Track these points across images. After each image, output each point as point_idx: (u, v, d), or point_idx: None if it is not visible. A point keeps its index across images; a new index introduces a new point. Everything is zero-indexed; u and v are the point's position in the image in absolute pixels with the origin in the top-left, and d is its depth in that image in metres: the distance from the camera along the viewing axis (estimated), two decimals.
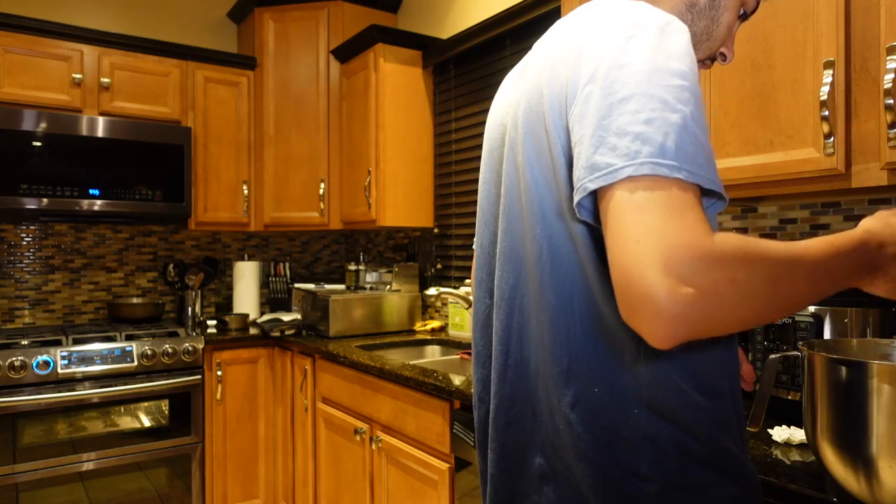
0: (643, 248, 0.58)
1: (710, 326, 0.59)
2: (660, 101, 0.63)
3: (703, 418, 0.72)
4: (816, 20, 1.24)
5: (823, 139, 1.21)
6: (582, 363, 0.74)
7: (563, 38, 0.78)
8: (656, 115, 0.62)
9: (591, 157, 0.64)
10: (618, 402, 0.72)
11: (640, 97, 0.64)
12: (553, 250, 0.76)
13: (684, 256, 0.57)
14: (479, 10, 2.75)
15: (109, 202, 2.74)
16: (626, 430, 0.72)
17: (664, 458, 0.71)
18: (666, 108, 0.63)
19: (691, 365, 0.73)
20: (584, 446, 0.73)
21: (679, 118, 0.62)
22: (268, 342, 2.93)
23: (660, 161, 0.60)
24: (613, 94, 0.65)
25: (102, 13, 3.16)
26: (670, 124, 0.62)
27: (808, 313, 1.25)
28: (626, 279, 0.59)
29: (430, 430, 1.88)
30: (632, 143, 0.62)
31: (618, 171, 0.61)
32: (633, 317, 0.60)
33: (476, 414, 0.95)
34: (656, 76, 0.64)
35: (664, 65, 0.65)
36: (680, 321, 0.57)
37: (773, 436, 1.18)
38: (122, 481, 2.53)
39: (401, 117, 2.89)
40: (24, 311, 2.96)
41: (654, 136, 0.61)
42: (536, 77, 0.80)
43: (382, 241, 3.45)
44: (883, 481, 0.81)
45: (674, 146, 0.61)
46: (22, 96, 2.63)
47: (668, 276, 0.57)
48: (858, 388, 0.82)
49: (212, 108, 3.08)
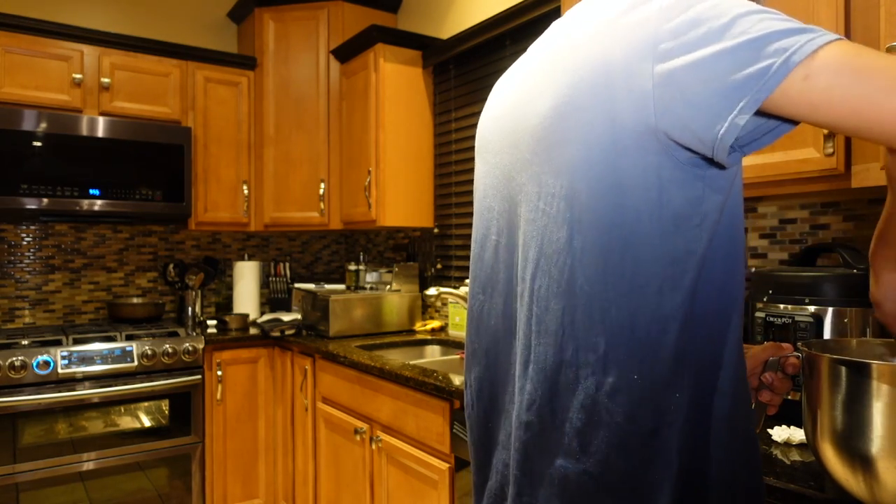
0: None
1: None
2: (756, 11, 0.64)
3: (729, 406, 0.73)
4: (816, 20, 1.24)
5: (823, 139, 1.21)
6: (620, 350, 0.72)
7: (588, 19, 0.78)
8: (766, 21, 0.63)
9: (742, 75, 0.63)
10: (659, 389, 0.71)
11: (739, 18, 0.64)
12: (584, 235, 0.74)
13: None
14: (479, 10, 2.75)
15: (109, 202, 2.74)
16: (668, 416, 0.70)
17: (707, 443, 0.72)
18: (763, 12, 0.64)
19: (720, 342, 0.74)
20: (624, 437, 0.71)
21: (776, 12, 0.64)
22: (268, 342, 2.93)
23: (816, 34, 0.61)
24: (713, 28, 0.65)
25: (102, 13, 3.16)
26: (777, 17, 0.64)
27: (808, 313, 1.25)
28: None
29: (430, 430, 1.88)
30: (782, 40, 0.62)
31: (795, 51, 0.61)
32: None
33: (472, 413, 0.93)
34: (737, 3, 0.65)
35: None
36: None
37: (773, 436, 1.18)
38: (122, 481, 2.53)
39: (401, 117, 2.89)
40: (25, 311, 2.96)
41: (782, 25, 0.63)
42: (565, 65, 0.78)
43: (382, 241, 3.45)
44: (883, 481, 0.81)
45: (798, 25, 0.62)
46: (22, 96, 2.63)
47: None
48: (858, 388, 0.82)
49: (212, 108, 3.08)
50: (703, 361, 0.72)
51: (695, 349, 0.72)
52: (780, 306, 1.31)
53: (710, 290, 0.73)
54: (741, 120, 0.64)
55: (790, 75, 0.62)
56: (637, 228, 0.72)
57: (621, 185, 0.71)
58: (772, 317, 1.31)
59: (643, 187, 0.71)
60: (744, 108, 0.64)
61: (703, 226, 0.71)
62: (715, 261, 0.73)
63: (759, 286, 1.37)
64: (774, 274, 1.34)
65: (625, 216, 0.72)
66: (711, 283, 0.73)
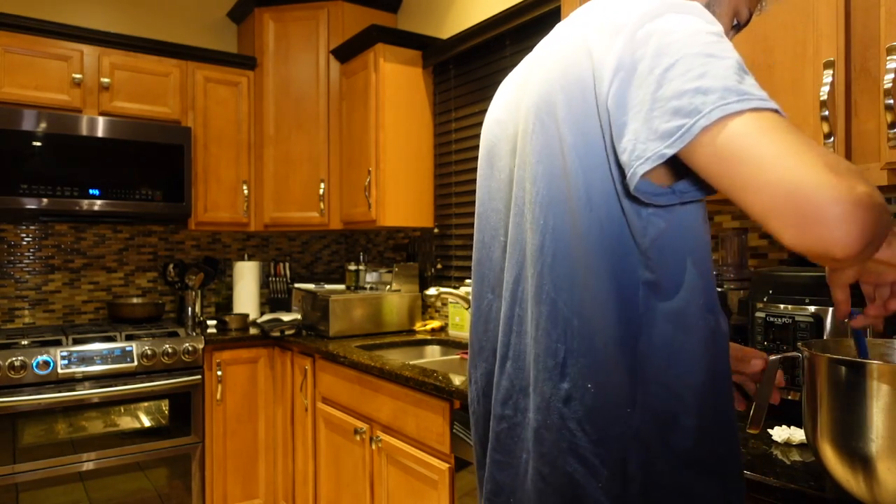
0: (803, 158, 0.56)
1: (880, 230, 0.56)
2: (706, 56, 0.63)
3: (695, 421, 0.72)
4: (816, 20, 1.24)
5: (823, 139, 1.21)
6: (577, 358, 0.74)
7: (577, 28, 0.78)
8: (707, 67, 0.63)
9: (656, 127, 0.64)
10: (610, 401, 0.72)
11: (685, 59, 0.64)
12: (556, 242, 0.76)
13: (839, 161, 0.56)
14: (479, 10, 2.75)
15: (109, 202, 2.74)
16: (616, 429, 0.72)
17: (653, 460, 0.71)
18: (714, 59, 0.63)
19: (683, 365, 0.72)
20: (573, 442, 0.74)
21: (732, 62, 0.63)
22: (268, 342, 2.93)
23: (749, 93, 0.60)
24: (658, 66, 0.65)
25: (102, 13, 3.16)
26: (725, 68, 0.62)
27: (808, 313, 1.25)
28: (795, 192, 0.55)
29: (430, 430, 1.88)
30: (694, 98, 0.61)
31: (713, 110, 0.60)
32: (811, 229, 0.55)
33: (477, 408, 0.95)
34: (695, 37, 0.65)
35: (699, 28, 0.66)
36: (864, 220, 0.54)
37: (773, 436, 1.18)
38: (122, 481, 2.53)
39: (401, 117, 2.89)
40: (24, 311, 2.96)
41: (713, 83, 0.61)
42: (549, 73, 0.80)
43: (382, 241, 3.45)
44: (883, 482, 0.81)
45: (734, 84, 0.61)
46: (22, 96, 2.63)
47: (841, 177, 0.54)
48: (858, 389, 0.82)
49: (212, 108, 3.08)
50: (661, 390, 0.72)
51: (653, 374, 0.72)
52: (780, 306, 1.31)
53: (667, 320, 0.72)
54: (641, 170, 0.65)
55: (693, 140, 0.62)
56: (600, 243, 0.73)
57: (590, 198, 0.73)
58: (772, 317, 1.31)
59: (606, 204, 0.73)
60: (644, 162, 0.65)
61: (649, 253, 0.72)
62: (669, 290, 0.72)
63: (759, 286, 1.37)
64: (774, 274, 1.34)
65: (590, 229, 0.73)
66: (669, 313, 0.72)
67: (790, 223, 0.56)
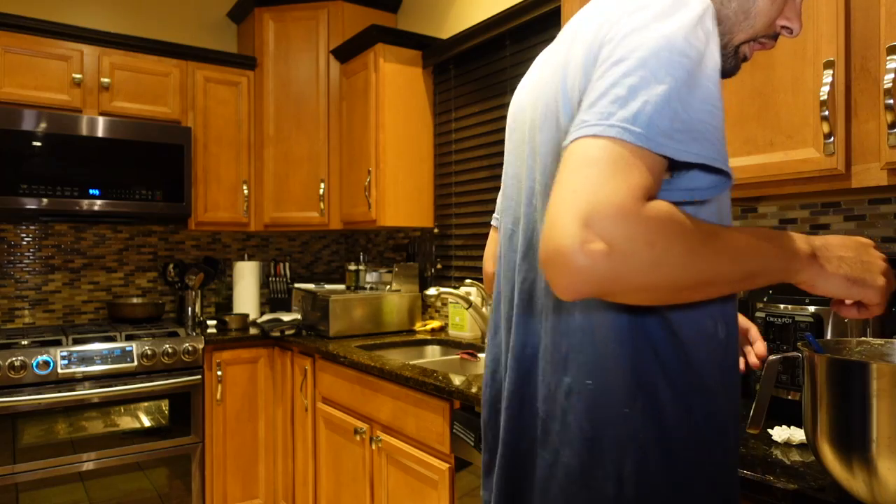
0: (574, 199, 0.59)
1: (618, 286, 0.59)
2: (650, 70, 0.63)
3: (694, 426, 0.72)
4: (816, 20, 1.23)
5: (823, 139, 1.21)
6: (577, 353, 0.75)
7: (584, 17, 0.80)
8: (642, 82, 0.63)
9: (580, 115, 0.65)
10: (609, 400, 0.73)
11: (632, 62, 0.64)
12: None
13: (607, 213, 0.57)
14: (479, 10, 2.75)
15: (109, 202, 2.74)
16: (612, 429, 0.72)
17: (647, 462, 0.71)
18: (653, 79, 0.63)
19: (684, 368, 0.73)
20: (570, 438, 0.74)
21: (664, 89, 0.63)
22: (268, 342, 2.93)
23: (628, 127, 0.61)
24: (611, 58, 0.67)
25: (102, 13, 3.16)
26: (652, 93, 0.62)
27: (808, 313, 1.25)
28: (549, 225, 0.60)
29: (430, 430, 1.88)
30: (610, 105, 0.63)
31: (588, 126, 0.62)
32: (545, 263, 0.60)
33: (488, 391, 0.96)
34: (653, 43, 0.65)
35: (665, 36, 0.65)
36: (586, 274, 0.57)
37: (773, 436, 1.18)
38: (122, 481, 2.52)
39: (401, 117, 2.89)
40: (24, 311, 2.96)
41: (632, 101, 0.62)
42: (558, 59, 0.82)
43: (382, 241, 3.45)
44: (883, 482, 0.81)
45: (647, 116, 0.61)
46: (22, 96, 2.63)
47: (586, 229, 0.57)
48: (858, 389, 0.82)
49: (212, 108, 3.08)
50: (661, 393, 0.72)
51: (653, 376, 0.72)
52: (781, 306, 1.30)
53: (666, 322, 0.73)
54: None
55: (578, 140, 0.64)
56: None
57: None
58: (772, 317, 1.31)
59: None
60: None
61: None
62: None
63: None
64: None
65: None
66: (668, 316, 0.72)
67: (543, 249, 0.60)
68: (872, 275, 0.71)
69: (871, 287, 0.71)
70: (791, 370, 1.25)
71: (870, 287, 0.71)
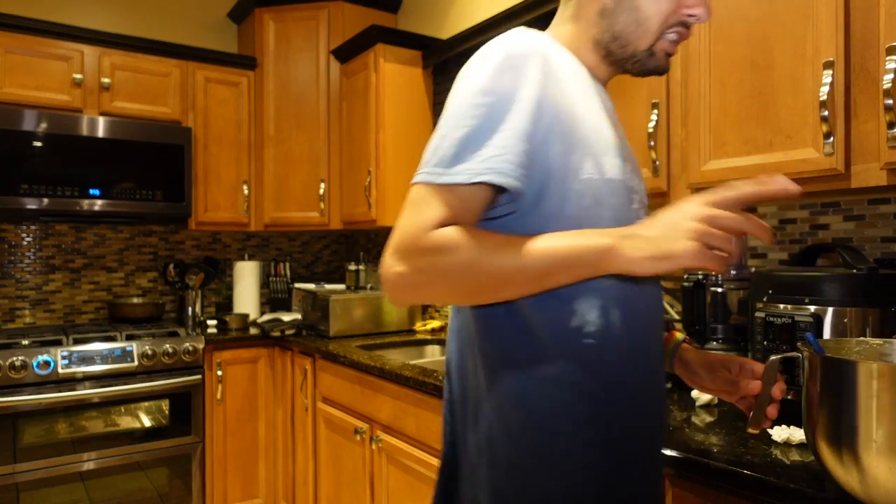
0: (393, 233, 0.77)
1: (417, 296, 0.77)
2: (454, 118, 0.77)
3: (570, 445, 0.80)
4: (816, 20, 1.24)
5: (823, 139, 1.22)
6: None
7: None
8: (446, 130, 0.77)
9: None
10: (466, 372, 0.88)
11: (445, 118, 0.79)
12: None
13: (404, 243, 0.75)
14: (479, 10, 2.75)
15: (110, 202, 2.74)
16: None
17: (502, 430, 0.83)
18: (456, 125, 0.76)
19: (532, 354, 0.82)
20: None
21: (463, 133, 0.76)
22: (268, 342, 2.93)
23: (429, 170, 0.76)
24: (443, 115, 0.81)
25: (102, 13, 3.16)
26: (453, 139, 0.76)
27: (808, 313, 1.25)
28: (385, 257, 0.78)
29: (430, 430, 1.88)
30: (424, 156, 0.79)
31: (414, 177, 0.79)
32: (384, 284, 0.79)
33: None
34: (463, 97, 0.78)
35: (473, 85, 0.78)
36: (396, 290, 0.77)
37: (773, 436, 1.18)
38: (122, 481, 2.53)
39: (401, 117, 2.89)
40: (25, 311, 2.96)
41: (436, 149, 0.77)
42: None
43: (382, 240, 3.45)
44: (882, 481, 0.81)
45: (448, 157, 0.75)
46: (22, 96, 2.63)
47: (392, 257, 0.76)
48: (857, 389, 0.82)
49: (212, 109, 3.08)
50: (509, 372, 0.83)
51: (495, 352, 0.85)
52: (780, 306, 1.31)
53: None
54: None
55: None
56: None
57: None
58: (772, 317, 1.31)
59: None
60: None
61: None
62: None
63: (759, 286, 1.37)
64: (774, 274, 1.34)
65: None
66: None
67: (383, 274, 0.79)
68: (677, 244, 0.70)
69: (680, 256, 0.70)
70: (791, 370, 1.26)
71: (678, 257, 0.70)
